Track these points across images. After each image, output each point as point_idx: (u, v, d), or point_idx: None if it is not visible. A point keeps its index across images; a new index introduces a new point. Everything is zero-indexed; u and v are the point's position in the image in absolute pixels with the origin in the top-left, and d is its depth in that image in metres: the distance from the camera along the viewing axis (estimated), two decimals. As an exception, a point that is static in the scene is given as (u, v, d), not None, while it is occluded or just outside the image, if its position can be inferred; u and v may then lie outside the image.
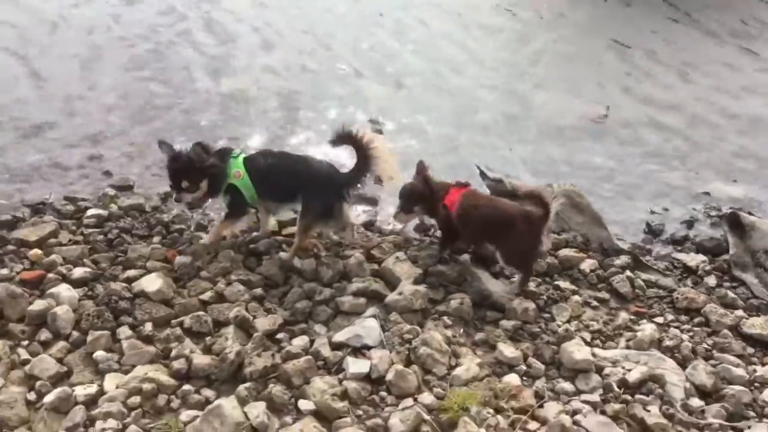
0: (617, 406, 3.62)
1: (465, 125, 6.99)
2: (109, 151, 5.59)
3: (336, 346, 3.87)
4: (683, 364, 4.05)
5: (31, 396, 3.36)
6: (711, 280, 4.98)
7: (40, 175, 5.20)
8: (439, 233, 5.00)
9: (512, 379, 3.79)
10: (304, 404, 3.46)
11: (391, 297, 4.25)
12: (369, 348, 3.84)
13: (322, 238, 4.82)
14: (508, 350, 3.98)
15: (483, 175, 6.09)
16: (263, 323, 3.96)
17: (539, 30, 9.79)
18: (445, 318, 4.25)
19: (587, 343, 4.18)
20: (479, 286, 4.61)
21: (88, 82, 6.55)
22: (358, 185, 4.53)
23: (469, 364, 3.80)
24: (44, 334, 3.72)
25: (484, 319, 4.37)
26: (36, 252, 4.24)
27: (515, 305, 4.36)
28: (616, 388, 3.79)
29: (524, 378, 3.86)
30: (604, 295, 4.74)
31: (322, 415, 3.44)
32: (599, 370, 3.95)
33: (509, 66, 8.57)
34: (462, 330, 4.22)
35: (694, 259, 5.23)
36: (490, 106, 7.43)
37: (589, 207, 5.44)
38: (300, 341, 3.88)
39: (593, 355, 4.04)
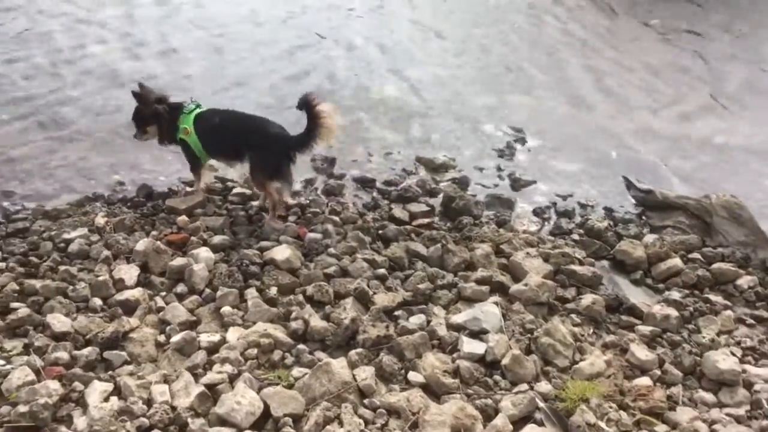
0: (766, 423, 3.15)
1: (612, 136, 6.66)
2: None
3: (453, 328, 3.75)
4: None
5: (161, 338, 3.58)
6: None
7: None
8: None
9: (643, 381, 3.44)
10: (414, 376, 3.38)
11: (516, 287, 4.07)
12: (486, 333, 3.68)
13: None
14: (641, 352, 3.63)
15: (630, 185, 5.74)
16: (382, 299, 3.94)
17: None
18: (573, 316, 3.98)
19: (738, 360, 3.70)
20: (617, 291, 4.32)
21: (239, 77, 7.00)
22: (306, 149, 4.45)
23: (595, 360, 3.51)
24: (180, 288, 3.96)
25: (618, 323, 4.05)
26: (183, 218, 4.57)
27: (655, 311, 4.00)
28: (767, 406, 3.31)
29: (657, 384, 3.49)
30: (763, 313, 4.20)
31: (430, 389, 3.33)
32: (748, 385, 3.47)
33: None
34: (592, 330, 3.93)
35: None
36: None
37: (753, 221, 4.90)
38: (417, 319, 3.81)
39: (743, 370, 3.57)
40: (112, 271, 3.99)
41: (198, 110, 4.67)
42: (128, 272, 3.96)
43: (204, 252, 4.17)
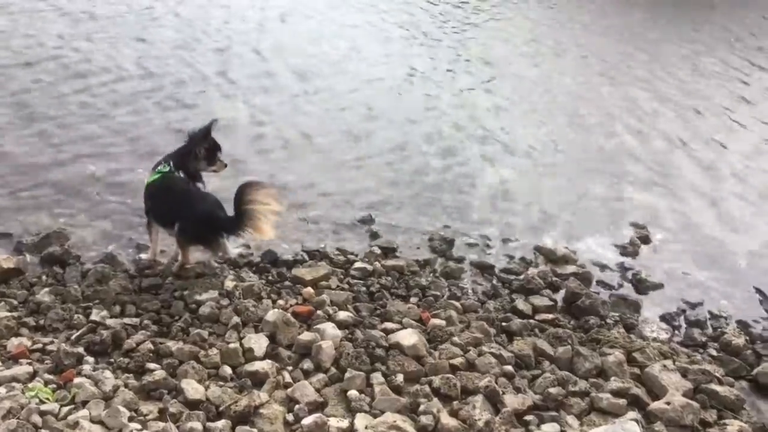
0: None
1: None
2: (378, 217, 5.93)
3: (590, 443, 3.53)
4: None
5: (289, 417, 3.51)
6: None
7: (318, 228, 5.68)
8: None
9: None
10: (552, 494, 3.16)
11: (657, 405, 3.82)
12: (627, 453, 3.44)
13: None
14: (803, 498, 3.29)
15: (765, 299, 5.41)
16: (512, 400, 3.77)
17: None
18: (718, 444, 3.69)
19: None
20: (763, 420, 3.99)
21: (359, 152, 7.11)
22: (235, 235, 4.50)
23: (752, 501, 3.20)
24: (307, 364, 3.91)
25: (768, 457, 3.72)
26: (309, 290, 4.58)
27: (812, 449, 3.65)
28: None
29: None
30: None
31: None
32: None
33: None
34: (739, 463, 3.62)
35: None
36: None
37: None
38: (550, 428, 3.62)
39: None
40: (241, 339, 4.00)
41: (161, 174, 4.61)
42: (258, 342, 3.96)
43: (330, 328, 4.14)
